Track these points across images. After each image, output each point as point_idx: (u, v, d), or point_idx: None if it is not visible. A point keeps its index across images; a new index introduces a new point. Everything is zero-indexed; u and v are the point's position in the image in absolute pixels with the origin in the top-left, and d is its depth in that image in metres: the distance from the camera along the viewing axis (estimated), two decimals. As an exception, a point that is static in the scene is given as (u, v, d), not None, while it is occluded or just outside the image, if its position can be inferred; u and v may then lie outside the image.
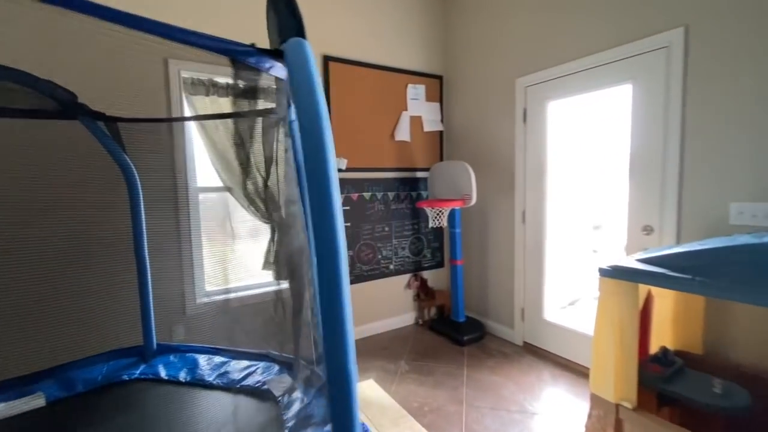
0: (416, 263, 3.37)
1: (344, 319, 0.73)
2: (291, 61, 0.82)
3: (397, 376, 2.47)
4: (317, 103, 0.76)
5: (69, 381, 1.64)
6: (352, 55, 2.90)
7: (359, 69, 2.93)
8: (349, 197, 2.97)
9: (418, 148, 3.29)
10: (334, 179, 0.77)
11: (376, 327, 3.14)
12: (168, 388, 1.62)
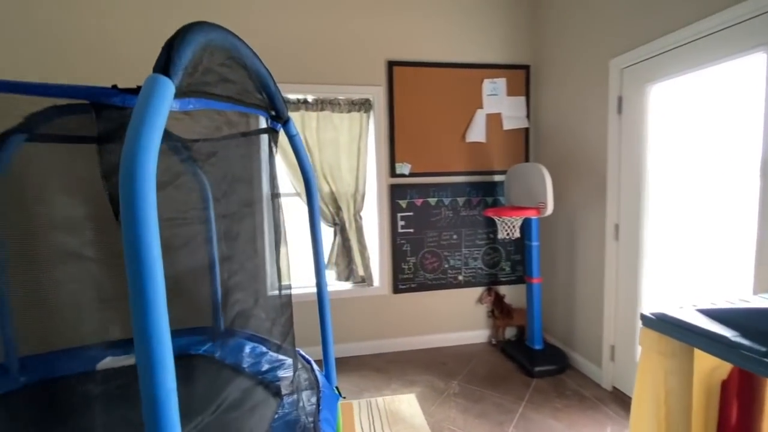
0: (491, 276, 3.06)
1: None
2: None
3: (443, 396, 2.30)
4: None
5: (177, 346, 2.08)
6: (418, 56, 2.81)
7: (426, 70, 2.81)
8: (413, 203, 2.89)
9: (496, 149, 2.97)
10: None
11: (439, 340, 2.99)
12: (211, 365, 1.89)
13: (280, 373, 1.76)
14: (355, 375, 2.59)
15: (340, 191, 2.83)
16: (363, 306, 2.89)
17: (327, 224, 2.84)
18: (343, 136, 2.82)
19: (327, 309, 1.73)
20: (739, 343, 0.83)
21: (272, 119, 1.43)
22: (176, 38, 0.81)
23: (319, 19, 2.68)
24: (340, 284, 2.90)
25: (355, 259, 2.89)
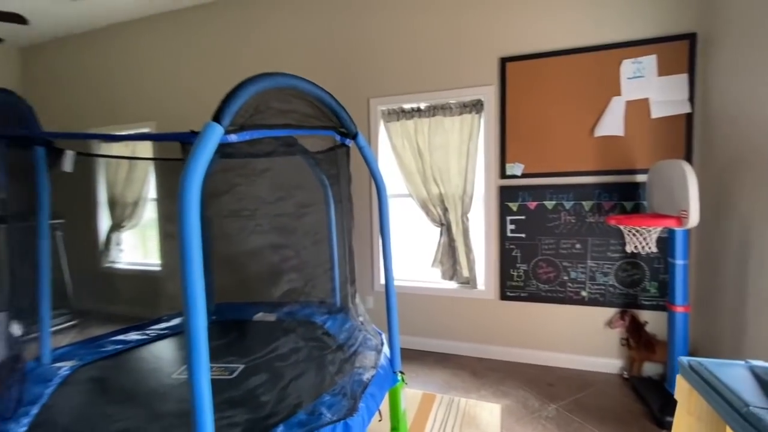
0: (628, 297, 2.54)
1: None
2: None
3: (533, 416, 2.13)
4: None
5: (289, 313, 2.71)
6: (535, 47, 2.59)
7: (544, 61, 2.57)
8: (525, 206, 2.69)
9: (639, 143, 2.44)
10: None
11: (551, 358, 2.69)
12: (317, 330, 2.32)
13: (360, 349, 2.03)
14: (449, 372, 2.65)
15: (448, 193, 2.91)
16: (467, 307, 2.89)
17: (434, 224, 2.97)
18: (453, 139, 2.88)
19: (393, 301, 1.90)
20: (754, 414, 0.61)
21: (342, 136, 1.70)
22: (230, 93, 1.17)
23: (430, 26, 2.83)
24: (445, 283, 2.99)
25: (460, 260, 2.92)
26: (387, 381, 1.78)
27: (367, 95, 3.04)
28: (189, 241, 0.99)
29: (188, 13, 3.53)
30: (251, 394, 1.63)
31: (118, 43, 3.85)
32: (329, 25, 3.10)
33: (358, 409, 1.49)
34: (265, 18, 3.28)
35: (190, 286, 0.96)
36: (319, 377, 1.70)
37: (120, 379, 1.91)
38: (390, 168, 3.06)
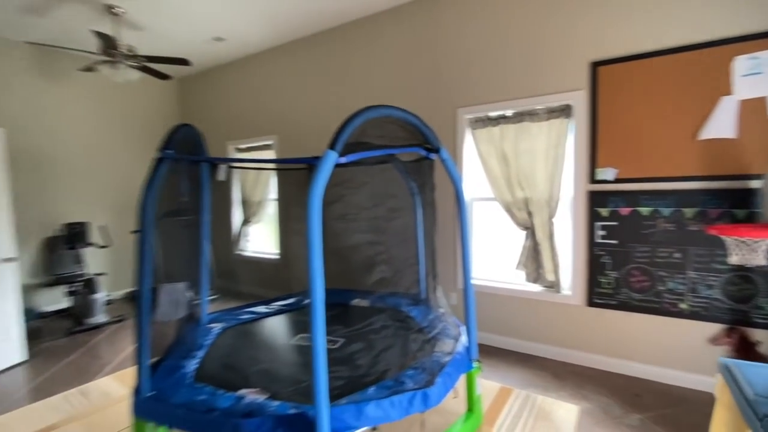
0: (738, 313, 2.32)
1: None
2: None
3: (613, 421, 2.14)
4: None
5: (380, 300, 3.08)
6: (630, 48, 2.51)
7: (640, 63, 2.48)
8: (616, 211, 2.63)
9: (755, 145, 2.22)
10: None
11: (640, 370, 2.59)
12: (403, 317, 2.63)
13: (440, 335, 2.29)
14: (530, 372, 2.74)
15: (533, 197, 2.97)
16: (551, 311, 2.93)
17: (519, 227, 3.06)
18: (539, 144, 2.93)
19: (471, 296, 2.11)
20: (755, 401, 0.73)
21: (427, 151, 1.98)
22: (342, 125, 1.54)
23: (517, 35, 2.92)
24: (529, 286, 3.06)
25: (545, 264, 2.96)
26: (463, 365, 2.01)
27: (454, 105, 3.26)
28: (314, 238, 1.38)
29: (301, 43, 4.17)
30: (350, 360, 2.02)
31: (249, 70, 4.71)
32: (419, 41, 3.39)
33: (436, 383, 1.76)
34: (364, 41, 3.72)
35: (314, 275, 1.37)
36: (404, 354, 2.02)
37: (254, 339, 2.49)
38: (475, 173, 3.24)
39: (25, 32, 3.87)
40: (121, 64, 3.38)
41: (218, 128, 5.11)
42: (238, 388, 1.77)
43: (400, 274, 2.36)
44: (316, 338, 1.39)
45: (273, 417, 1.53)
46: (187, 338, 2.32)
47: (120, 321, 4.01)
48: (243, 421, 1.52)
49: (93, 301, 3.80)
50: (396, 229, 2.35)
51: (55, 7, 3.37)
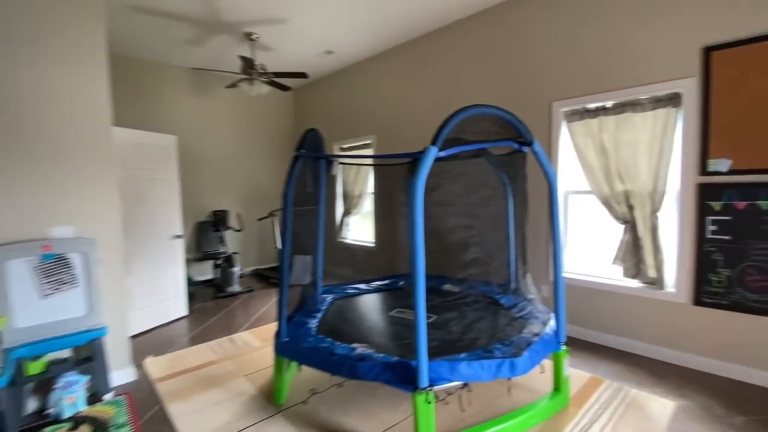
0: None
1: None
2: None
3: (714, 420, 2.06)
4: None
5: (470, 287, 3.29)
6: (747, 31, 2.31)
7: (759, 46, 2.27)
8: (731, 205, 2.44)
9: None
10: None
11: (754, 375, 2.38)
12: (492, 304, 2.82)
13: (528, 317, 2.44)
14: (623, 367, 2.70)
15: (635, 190, 2.88)
16: (651, 308, 2.82)
17: (617, 221, 2.99)
18: (643, 136, 2.84)
19: (561, 285, 2.22)
20: None
21: (520, 144, 2.15)
22: (442, 124, 1.82)
23: (617, 24, 2.86)
24: (628, 281, 2.98)
25: (646, 259, 2.86)
26: (550, 345, 2.15)
27: (549, 99, 3.30)
28: (416, 220, 1.69)
29: (397, 50, 4.55)
30: (443, 330, 2.31)
31: (352, 77, 5.27)
32: (511, 39, 3.49)
33: (523, 356, 1.95)
34: (456, 44, 3.94)
35: (416, 247, 1.67)
36: (494, 330, 2.23)
37: (359, 308, 2.93)
38: (571, 166, 3.25)
39: (185, 60, 4.93)
40: (256, 81, 4.14)
41: (325, 130, 5.80)
42: (350, 342, 2.19)
43: (491, 257, 2.56)
44: (417, 298, 1.70)
45: (381, 363, 1.89)
46: (309, 302, 2.85)
47: (250, 291, 4.89)
48: (358, 363, 1.91)
49: (231, 274, 4.71)
50: (487, 215, 2.56)
51: (209, 39, 4.27)
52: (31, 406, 2.25)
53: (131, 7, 3.50)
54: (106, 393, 2.40)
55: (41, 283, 2.20)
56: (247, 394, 2.43)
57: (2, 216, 2.14)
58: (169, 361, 2.93)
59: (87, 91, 2.42)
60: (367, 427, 2.08)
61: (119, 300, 2.62)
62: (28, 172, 2.22)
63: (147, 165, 3.61)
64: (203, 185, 5.47)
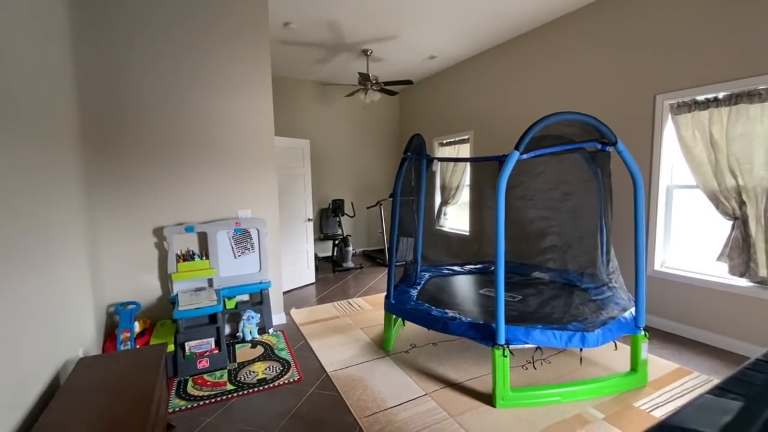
0: None
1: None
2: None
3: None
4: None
5: (556, 274, 3.51)
6: None
7: None
8: None
9: None
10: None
11: None
12: (580, 291, 3.02)
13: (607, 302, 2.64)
14: (720, 364, 2.69)
15: (748, 185, 2.76)
16: (760, 308, 2.71)
17: (725, 217, 2.89)
18: (761, 127, 2.70)
19: (642, 275, 2.38)
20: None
21: (603, 144, 2.37)
22: (526, 130, 2.19)
23: (729, 5, 2.73)
24: (734, 279, 2.87)
25: (757, 258, 2.73)
26: (626, 327, 2.36)
27: (653, 92, 3.27)
28: (500, 214, 2.12)
29: (494, 51, 4.80)
30: (525, 306, 2.69)
31: (451, 78, 5.68)
32: (611, 35, 3.50)
33: (595, 332, 2.24)
34: (553, 44, 4.05)
35: (499, 244, 2.11)
36: (572, 309, 2.53)
37: (452, 285, 3.44)
38: (676, 160, 3.20)
39: (314, 74, 5.96)
40: (370, 90, 4.88)
41: (427, 127, 6.35)
42: (444, 308, 2.72)
43: (569, 245, 2.81)
44: (498, 270, 2.14)
45: (468, 323, 2.39)
46: (411, 276, 3.47)
47: (360, 268, 5.78)
48: (449, 321, 2.44)
49: (347, 252, 5.65)
50: (567, 208, 2.80)
51: (333, 57, 5.15)
52: (227, 330, 3.35)
53: (281, 41, 4.52)
54: (270, 328, 3.39)
55: (234, 247, 3.24)
56: (363, 341, 3.18)
57: (212, 201, 3.22)
58: (307, 313, 3.89)
59: (259, 111, 3.38)
60: (455, 375, 2.61)
61: (276, 264, 3.61)
62: (221, 170, 3.26)
63: (290, 164, 4.65)
64: (325, 178, 6.55)
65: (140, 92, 2.90)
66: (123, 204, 2.90)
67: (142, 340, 2.73)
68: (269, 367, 2.76)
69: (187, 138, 3.10)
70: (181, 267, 2.99)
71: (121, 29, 2.80)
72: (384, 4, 3.64)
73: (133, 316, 2.72)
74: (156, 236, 3.02)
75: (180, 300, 2.80)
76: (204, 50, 3.10)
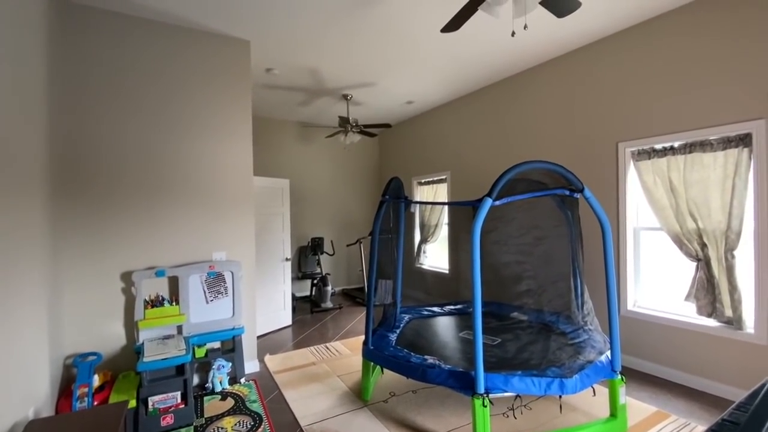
0: None
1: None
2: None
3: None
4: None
5: (533, 316, 3.54)
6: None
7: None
8: (812, 247, 2.40)
9: None
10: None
11: None
12: (554, 333, 3.04)
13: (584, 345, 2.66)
14: (696, 405, 2.70)
15: (707, 228, 2.92)
16: (729, 349, 2.78)
17: (689, 258, 3.02)
18: (714, 174, 2.89)
19: (615, 317, 2.43)
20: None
21: (571, 191, 2.48)
22: (498, 178, 2.28)
23: (682, 65, 3.00)
24: (702, 319, 2.96)
25: (722, 299, 2.84)
26: (603, 372, 2.37)
27: (615, 140, 3.49)
28: (475, 259, 2.16)
29: (468, 97, 5.07)
30: (503, 352, 2.67)
31: (428, 121, 5.91)
32: (578, 87, 3.77)
33: (573, 378, 2.23)
34: (523, 92, 4.32)
35: (475, 290, 2.13)
36: (549, 353, 2.53)
37: (432, 328, 3.39)
38: (640, 203, 3.37)
39: (296, 116, 6.09)
40: (350, 132, 5.01)
41: (406, 167, 6.50)
42: (423, 354, 2.67)
43: (543, 289, 2.85)
44: (475, 318, 2.14)
45: (447, 371, 2.34)
46: (390, 319, 3.41)
47: (339, 308, 5.65)
48: (428, 369, 2.39)
49: (325, 292, 5.54)
50: (540, 253, 2.87)
51: (314, 100, 5.30)
52: (194, 381, 3.15)
53: (264, 86, 4.63)
54: (242, 377, 3.22)
55: (207, 292, 3.13)
56: (340, 390, 3.05)
57: (186, 244, 3.14)
58: (281, 360, 3.73)
59: (238, 153, 3.39)
60: (434, 425, 2.52)
61: (251, 308, 3.49)
62: (197, 212, 3.21)
63: (269, 203, 4.63)
64: (305, 216, 6.53)
65: (119, 141, 2.89)
66: (91, 249, 2.79)
67: (101, 395, 2.54)
68: (239, 422, 2.60)
69: (165, 181, 3.06)
70: (149, 314, 2.86)
71: (98, 88, 2.83)
72: (363, 55, 3.83)
73: (93, 369, 2.54)
74: (124, 281, 2.90)
75: (146, 350, 2.65)
76: (185, 95, 3.15)
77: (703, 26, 2.89)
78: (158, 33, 3.05)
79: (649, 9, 3.07)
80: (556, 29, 3.40)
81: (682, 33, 3.01)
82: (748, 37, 2.67)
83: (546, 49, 3.80)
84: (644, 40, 3.25)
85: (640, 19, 3.22)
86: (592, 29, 3.41)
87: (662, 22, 3.13)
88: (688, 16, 2.97)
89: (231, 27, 3.21)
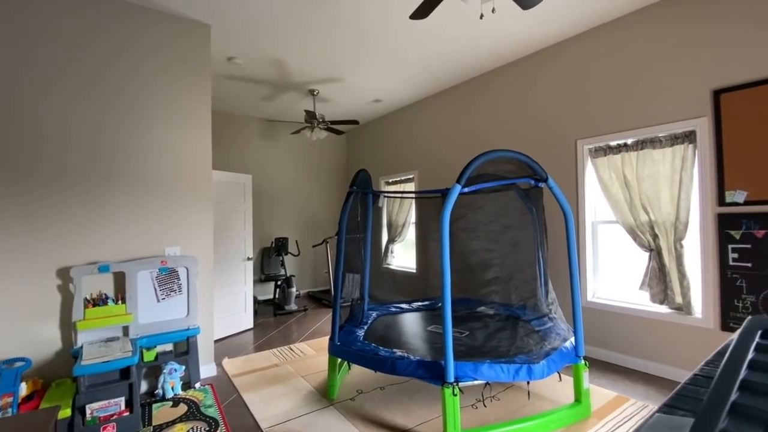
0: None
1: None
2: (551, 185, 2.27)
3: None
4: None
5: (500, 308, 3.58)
6: (754, 74, 2.55)
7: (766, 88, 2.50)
8: (750, 234, 2.59)
9: None
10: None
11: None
12: (522, 324, 3.08)
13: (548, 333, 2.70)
14: (653, 389, 2.81)
15: (658, 220, 3.08)
16: (679, 333, 2.93)
17: (642, 249, 3.18)
18: (663, 169, 3.07)
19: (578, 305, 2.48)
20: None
21: (536, 181, 2.53)
22: (466, 165, 2.27)
23: (634, 65, 3.18)
24: (656, 307, 3.11)
25: (673, 286, 3.00)
26: (568, 357, 2.40)
27: (574, 137, 3.63)
28: (444, 244, 2.12)
29: (436, 97, 5.13)
30: (472, 342, 2.65)
31: (397, 120, 5.92)
32: (539, 86, 3.91)
33: (540, 364, 2.24)
34: (488, 91, 4.43)
35: (445, 276, 2.09)
36: (517, 342, 2.53)
37: (400, 323, 3.33)
38: (597, 198, 3.51)
39: (259, 111, 5.89)
40: (316, 128, 4.90)
41: (374, 165, 6.46)
42: (392, 348, 2.59)
43: (510, 276, 2.88)
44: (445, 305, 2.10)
45: (416, 361, 2.28)
46: (357, 315, 3.31)
47: (305, 311, 5.46)
48: (397, 361, 2.31)
49: (289, 294, 5.33)
50: (507, 240, 2.91)
51: (279, 95, 5.14)
52: (143, 387, 2.88)
53: (226, 76, 4.43)
54: (196, 382, 2.98)
55: (158, 289, 2.89)
56: (305, 390, 2.90)
57: (136, 237, 2.89)
58: (241, 362, 3.50)
59: (197, 145, 3.20)
60: (404, 420, 2.44)
61: (207, 308, 3.26)
62: (154, 206, 2.98)
63: (229, 199, 4.40)
64: (269, 215, 6.29)
65: (64, 122, 2.62)
66: (23, 240, 2.49)
67: (30, 405, 2.24)
68: (193, 428, 2.38)
69: (115, 169, 2.81)
70: (90, 313, 2.58)
71: (43, 61, 2.56)
72: (331, 46, 3.76)
73: (20, 376, 2.24)
74: (60, 278, 2.61)
75: (84, 353, 2.38)
76: (141, 79, 2.92)
77: (652, 32, 3.08)
78: (113, 9, 2.82)
79: (605, 13, 3.24)
80: (522, 28, 3.51)
81: (635, 37, 3.20)
82: (691, 41, 2.88)
83: (510, 49, 3.91)
84: (600, 43, 3.43)
85: (597, 22, 3.40)
86: (552, 31, 3.55)
87: (615, 27, 3.32)
88: (638, 23, 3.17)
89: (191, 9, 3.04)
